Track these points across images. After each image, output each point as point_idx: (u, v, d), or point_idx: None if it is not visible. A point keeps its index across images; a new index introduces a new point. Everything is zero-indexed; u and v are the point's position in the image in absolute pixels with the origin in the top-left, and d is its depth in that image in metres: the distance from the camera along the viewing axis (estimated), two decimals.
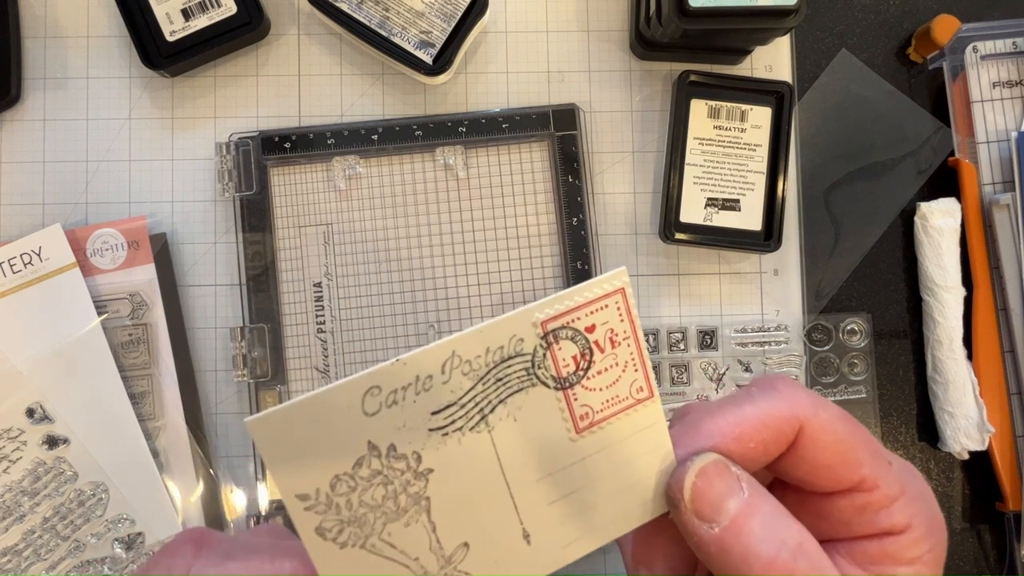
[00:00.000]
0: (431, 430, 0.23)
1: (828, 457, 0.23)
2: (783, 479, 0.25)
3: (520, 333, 0.23)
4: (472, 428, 0.23)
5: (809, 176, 0.52)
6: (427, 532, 0.23)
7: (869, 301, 0.52)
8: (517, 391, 0.23)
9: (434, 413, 0.23)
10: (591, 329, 0.23)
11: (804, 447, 0.23)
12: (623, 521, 0.25)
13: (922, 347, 0.51)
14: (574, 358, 0.23)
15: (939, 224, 0.49)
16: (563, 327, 0.23)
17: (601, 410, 0.24)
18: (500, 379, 0.23)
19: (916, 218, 0.51)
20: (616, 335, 0.24)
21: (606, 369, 0.24)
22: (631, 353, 0.24)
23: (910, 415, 0.52)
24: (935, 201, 0.50)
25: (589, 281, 0.23)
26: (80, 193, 0.50)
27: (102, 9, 0.51)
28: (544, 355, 0.23)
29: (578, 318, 0.23)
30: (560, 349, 0.23)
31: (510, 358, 0.23)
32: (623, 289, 0.24)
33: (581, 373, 0.24)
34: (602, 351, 0.24)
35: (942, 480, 0.51)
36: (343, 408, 0.21)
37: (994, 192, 0.50)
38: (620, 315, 0.24)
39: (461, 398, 0.23)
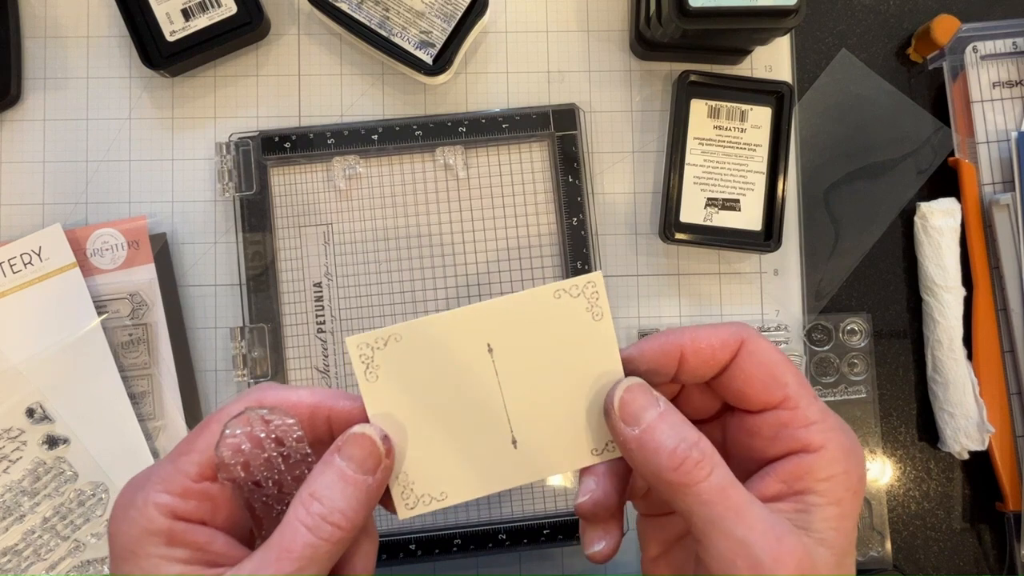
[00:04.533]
0: None
1: (760, 372, 0.29)
2: (725, 396, 0.30)
3: None
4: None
5: (809, 176, 0.52)
6: None
7: (869, 301, 0.52)
8: None
9: None
10: None
11: (743, 359, 0.29)
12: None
13: (922, 347, 0.51)
14: None
15: (939, 224, 0.49)
16: None
17: None
18: None
19: (916, 218, 0.51)
20: None
21: None
22: None
23: (910, 415, 0.52)
24: (935, 201, 0.50)
25: None
26: (80, 193, 0.50)
27: (102, 9, 0.51)
28: None
29: None
30: None
31: None
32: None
33: None
34: None
35: (942, 480, 0.51)
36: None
37: (994, 192, 0.50)
38: None
39: None
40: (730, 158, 0.49)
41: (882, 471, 0.51)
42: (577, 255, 0.49)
